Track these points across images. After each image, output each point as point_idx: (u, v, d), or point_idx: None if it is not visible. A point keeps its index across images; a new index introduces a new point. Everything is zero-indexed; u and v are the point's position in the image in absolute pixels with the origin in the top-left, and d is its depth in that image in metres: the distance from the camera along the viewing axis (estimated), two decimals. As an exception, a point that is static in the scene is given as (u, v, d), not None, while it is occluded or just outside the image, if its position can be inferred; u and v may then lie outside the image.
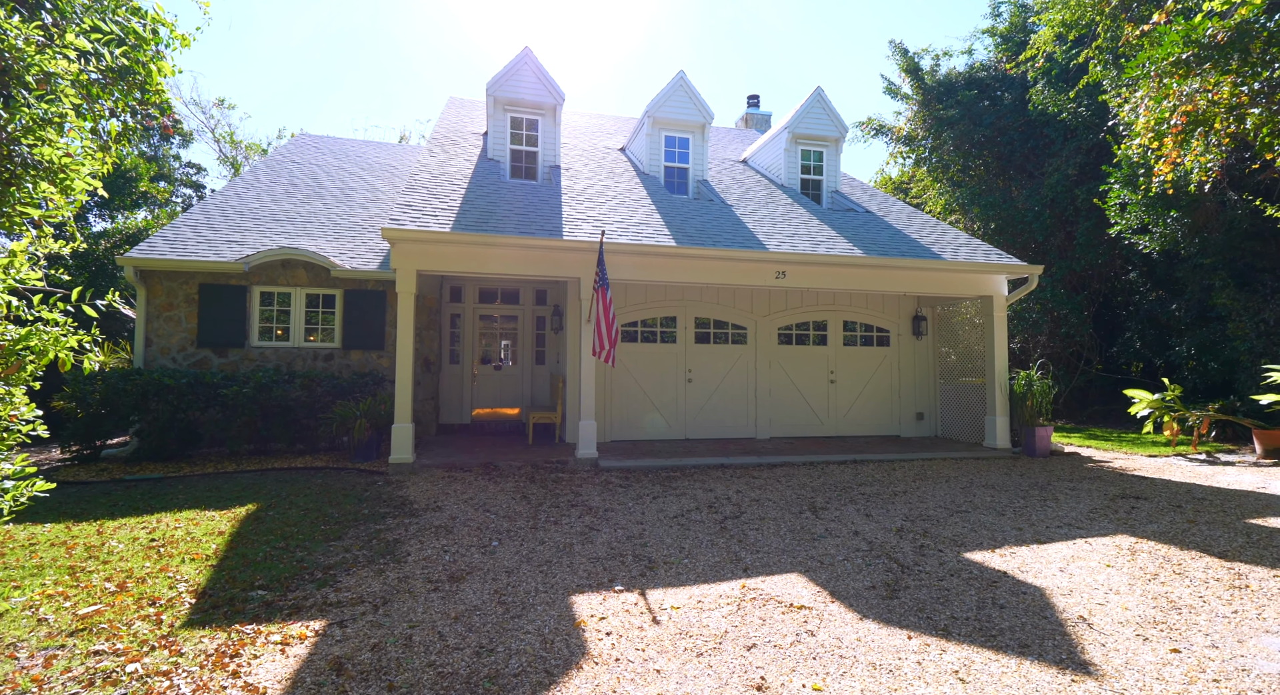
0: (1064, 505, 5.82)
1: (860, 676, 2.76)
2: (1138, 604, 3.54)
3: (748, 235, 8.48)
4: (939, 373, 10.44)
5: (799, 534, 4.88)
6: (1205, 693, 2.60)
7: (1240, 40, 5.73)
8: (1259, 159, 6.73)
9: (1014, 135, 14.37)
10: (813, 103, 10.99)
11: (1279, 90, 5.90)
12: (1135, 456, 8.67)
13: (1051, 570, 4.10)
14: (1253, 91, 5.97)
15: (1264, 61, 5.89)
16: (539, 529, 4.93)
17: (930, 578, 3.95)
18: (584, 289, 7.54)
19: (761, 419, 9.69)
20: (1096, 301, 13.94)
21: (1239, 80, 5.96)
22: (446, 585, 3.76)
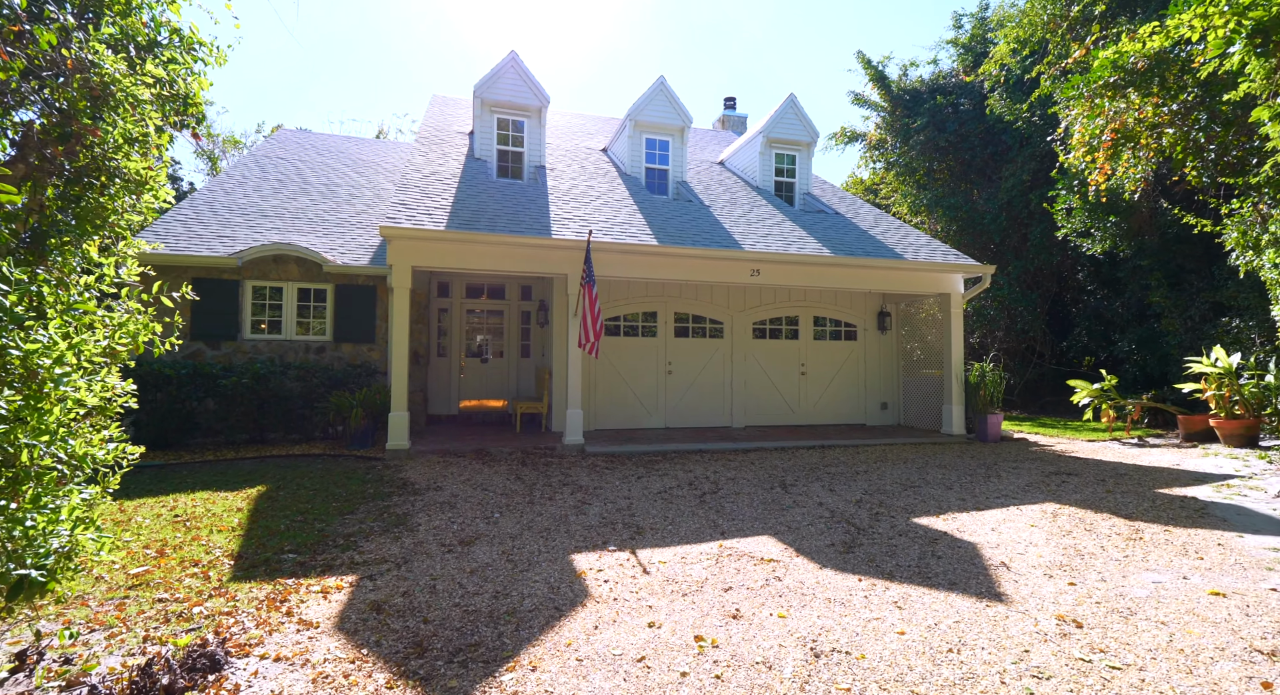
0: (1005, 481, 6.57)
1: (817, 608, 3.36)
2: (1050, 553, 4.23)
3: (724, 235, 9.08)
4: (902, 365, 11.23)
5: (770, 505, 5.49)
6: (1085, 608, 3.28)
7: (1158, 68, 6.53)
8: (1178, 172, 7.58)
9: (975, 141, 15.30)
10: (786, 109, 11.65)
11: (1192, 111, 6.73)
12: (1076, 441, 9.56)
13: (984, 530, 4.79)
14: (1171, 112, 6.80)
15: (1178, 87, 6.69)
16: (535, 504, 5.44)
17: (882, 537, 4.60)
18: (571, 285, 8.04)
19: (737, 408, 10.33)
20: (1049, 299, 14.96)
21: (1160, 102, 6.77)
22: (458, 548, 4.26)
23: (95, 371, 2.33)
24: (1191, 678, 2.58)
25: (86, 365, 2.22)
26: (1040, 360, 14.91)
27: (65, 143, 2.64)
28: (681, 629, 3.09)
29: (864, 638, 2.99)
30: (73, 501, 2.08)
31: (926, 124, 15.49)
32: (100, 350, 2.46)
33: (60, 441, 1.90)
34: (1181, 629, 3.04)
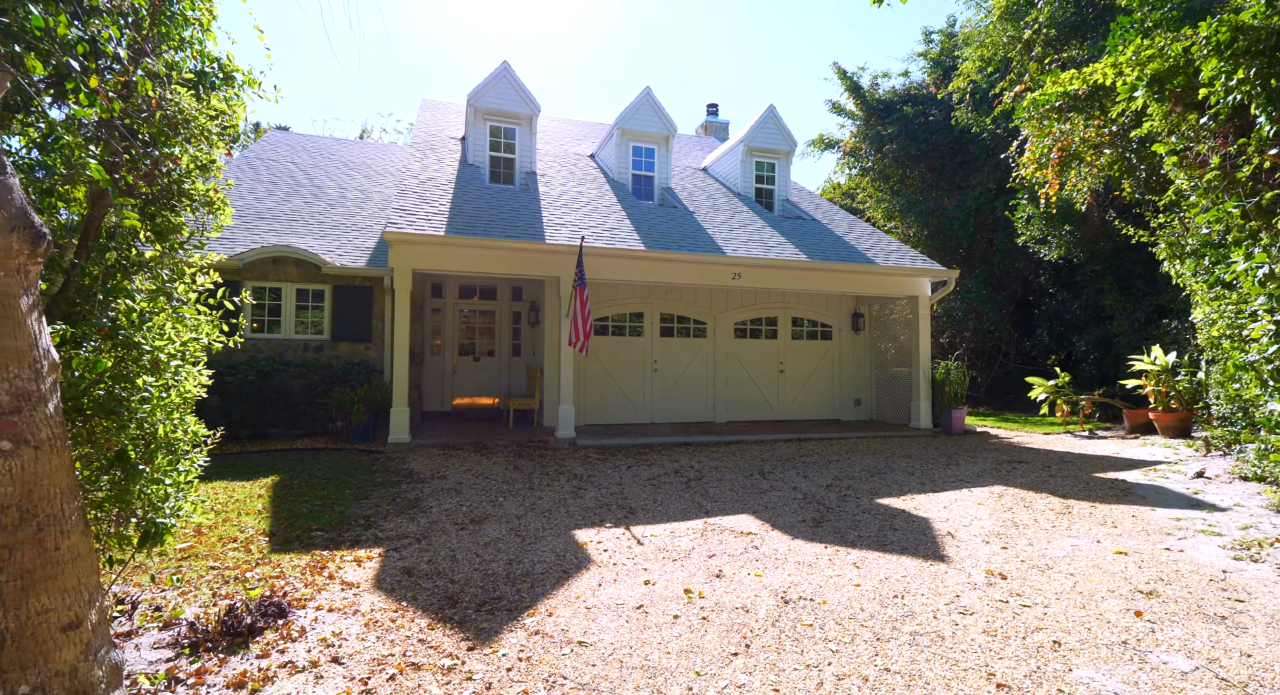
0: (962, 468, 7.26)
1: (788, 568, 3.95)
2: (990, 525, 4.89)
3: (708, 240, 9.67)
4: (874, 363, 11.95)
5: (749, 489, 6.09)
6: (1011, 565, 3.92)
7: (1096, 94, 7.28)
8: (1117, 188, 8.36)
9: (944, 150, 16.14)
10: (766, 119, 12.29)
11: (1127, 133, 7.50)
12: (1032, 434, 10.35)
13: (938, 508, 5.43)
14: (1110, 134, 7.56)
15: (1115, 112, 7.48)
16: (535, 490, 5.96)
17: (847, 515, 5.22)
18: (563, 287, 8.55)
19: (719, 404, 10.93)
20: (1014, 301, 15.87)
21: (1100, 125, 7.53)
22: (470, 526, 4.77)
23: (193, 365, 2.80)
24: (1084, 612, 3.22)
25: (190, 360, 2.70)
26: (1005, 359, 15.81)
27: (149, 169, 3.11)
28: (673, 585, 3.65)
29: (826, 589, 3.58)
30: (180, 471, 2.56)
31: (898, 133, 16.29)
32: (201, 347, 2.95)
33: (180, 420, 2.35)
34: (1085, 578, 3.69)
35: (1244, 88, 3.60)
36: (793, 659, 2.76)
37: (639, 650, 2.84)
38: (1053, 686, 2.52)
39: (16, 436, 1.90)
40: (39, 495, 1.95)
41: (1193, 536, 4.48)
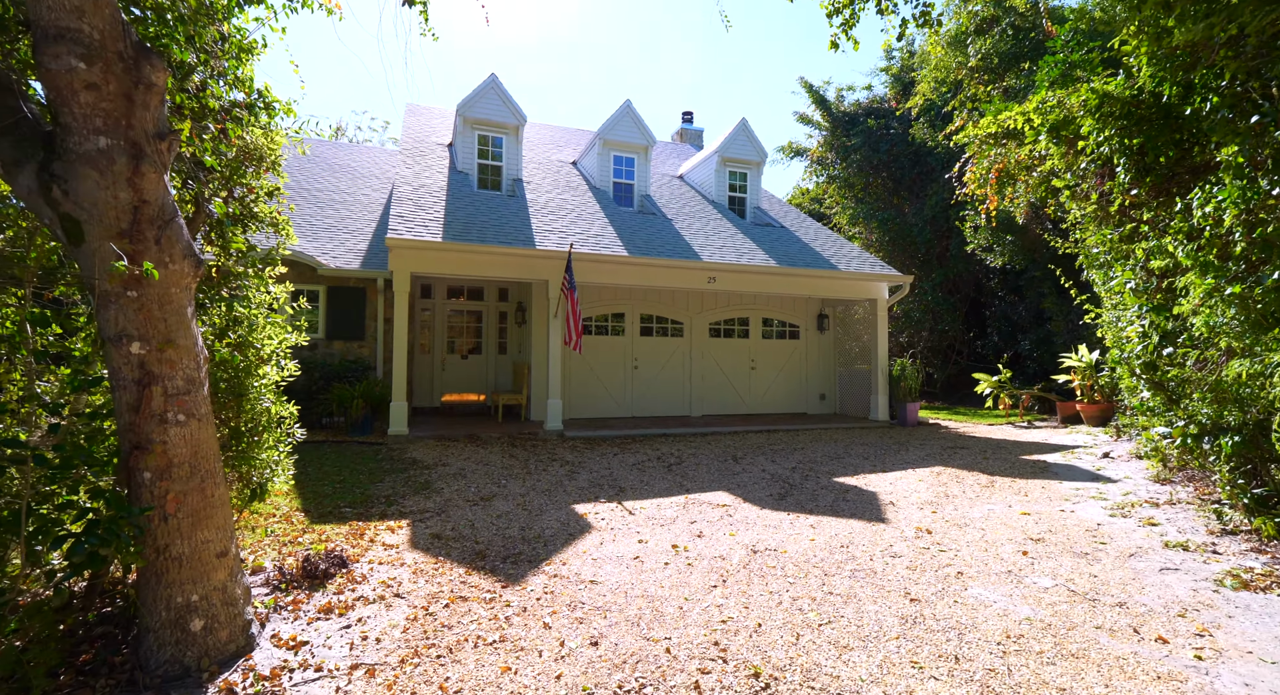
0: (910, 453, 8.24)
1: (757, 529, 4.78)
2: (926, 496, 5.82)
3: (685, 246, 10.50)
4: (838, 361, 12.98)
5: (723, 472, 6.93)
6: (936, 524, 4.84)
7: (1012, 134, 8.33)
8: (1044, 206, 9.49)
9: (904, 162, 17.33)
10: (738, 132, 13.19)
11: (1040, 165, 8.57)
12: (978, 425, 11.48)
13: (884, 484, 6.36)
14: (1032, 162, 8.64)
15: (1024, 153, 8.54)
16: (532, 474, 6.68)
17: (808, 490, 6.09)
18: (551, 289, 9.26)
19: (695, 399, 11.79)
20: (967, 303, 17.17)
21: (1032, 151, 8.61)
22: (481, 502, 5.47)
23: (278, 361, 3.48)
24: (985, 553, 4.14)
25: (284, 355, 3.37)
26: (959, 357, 17.11)
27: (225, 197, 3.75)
28: (662, 543, 4.44)
29: (787, 543, 4.42)
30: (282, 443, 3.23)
31: (862, 144, 17.43)
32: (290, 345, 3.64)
33: (279, 403, 3.00)
34: (991, 532, 4.62)
35: (1110, 143, 4.58)
36: (759, 588, 3.59)
37: (638, 585, 3.63)
38: (951, 599, 3.40)
39: (188, 411, 2.58)
40: (200, 455, 2.63)
41: (1085, 502, 5.49)
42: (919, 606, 3.31)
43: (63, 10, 2.24)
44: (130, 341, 2.44)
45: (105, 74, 2.33)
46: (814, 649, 2.85)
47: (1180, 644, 2.88)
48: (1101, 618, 3.16)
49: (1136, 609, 3.27)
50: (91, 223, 2.37)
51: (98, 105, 2.33)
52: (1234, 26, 3.36)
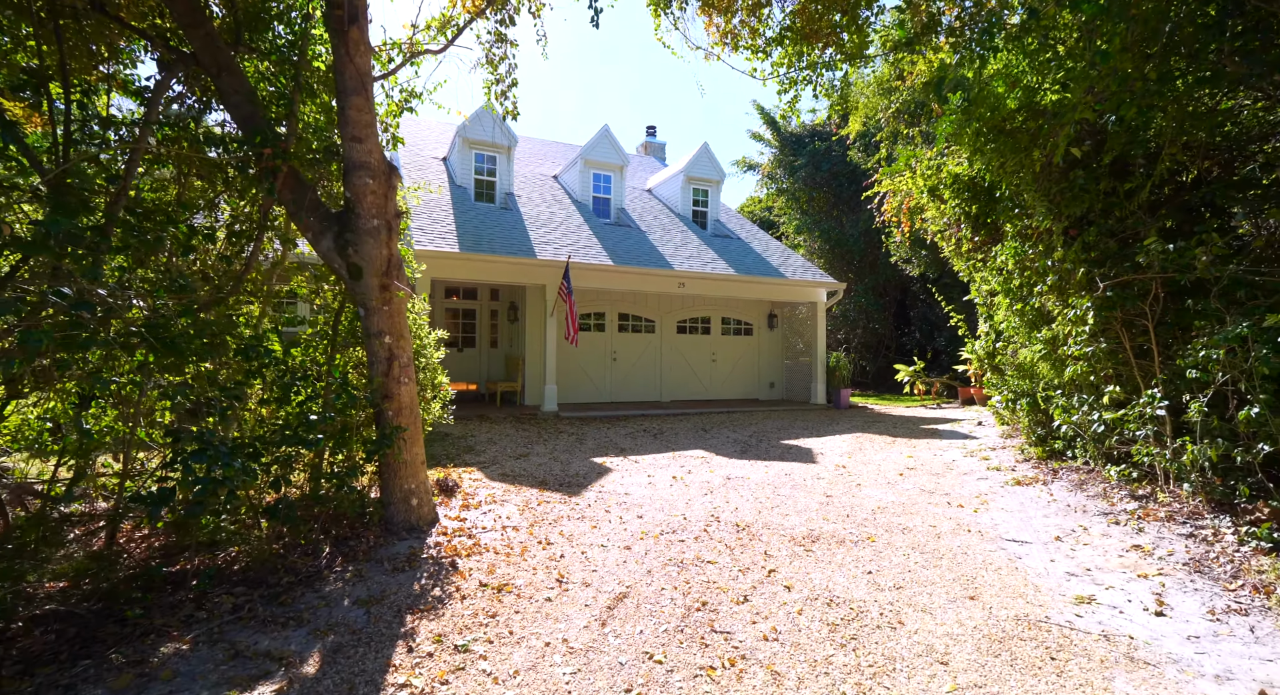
0: (839, 426, 10.65)
1: (728, 469, 6.93)
2: (846, 449, 8.15)
3: (658, 256, 12.58)
4: (785, 354, 15.41)
5: (697, 438, 9.07)
6: (849, 464, 7.15)
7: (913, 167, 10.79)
8: (946, 229, 12.12)
9: (843, 180, 20.02)
10: (701, 154, 15.38)
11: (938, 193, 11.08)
12: (897, 407, 14.14)
13: (817, 443, 8.67)
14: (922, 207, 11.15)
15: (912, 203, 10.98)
16: (547, 441, 8.62)
17: (762, 448, 8.31)
18: (549, 292, 11.15)
19: (664, 387, 13.92)
20: (894, 304, 20.06)
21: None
22: (520, 458, 7.39)
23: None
24: (878, 475, 6.44)
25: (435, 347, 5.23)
26: (887, 351, 19.99)
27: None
28: (664, 477, 6.52)
29: (749, 474, 6.60)
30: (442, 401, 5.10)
31: (807, 163, 20.01)
32: (437, 339, 5.49)
33: (442, 375, 4.84)
34: (884, 465, 6.96)
35: (960, 207, 6.99)
36: (734, 493, 5.73)
37: (656, 495, 5.70)
38: (850, 495, 5.64)
39: (409, 377, 4.46)
40: (412, 403, 4.52)
41: (951, 450, 7.96)
42: (831, 498, 5.54)
43: (362, 153, 4.09)
44: (384, 336, 4.31)
45: (377, 184, 4.19)
46: (769, 515, 5.01)
47: (970, 507, 5.21)
48: (933, 500, 5.47)
49: (955, 496, 5.60)
50: (367, 268, 4.22)
51: (373, 201, 4.19)
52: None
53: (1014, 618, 3.20)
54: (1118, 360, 5.06)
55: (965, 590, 3.55)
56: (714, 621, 3.18)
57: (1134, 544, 4.11)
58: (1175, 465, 4.48)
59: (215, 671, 2.62)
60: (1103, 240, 5.11)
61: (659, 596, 3.47)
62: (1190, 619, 3.14)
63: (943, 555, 4.11)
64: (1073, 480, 5.68)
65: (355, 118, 4.10)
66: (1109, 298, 4.82)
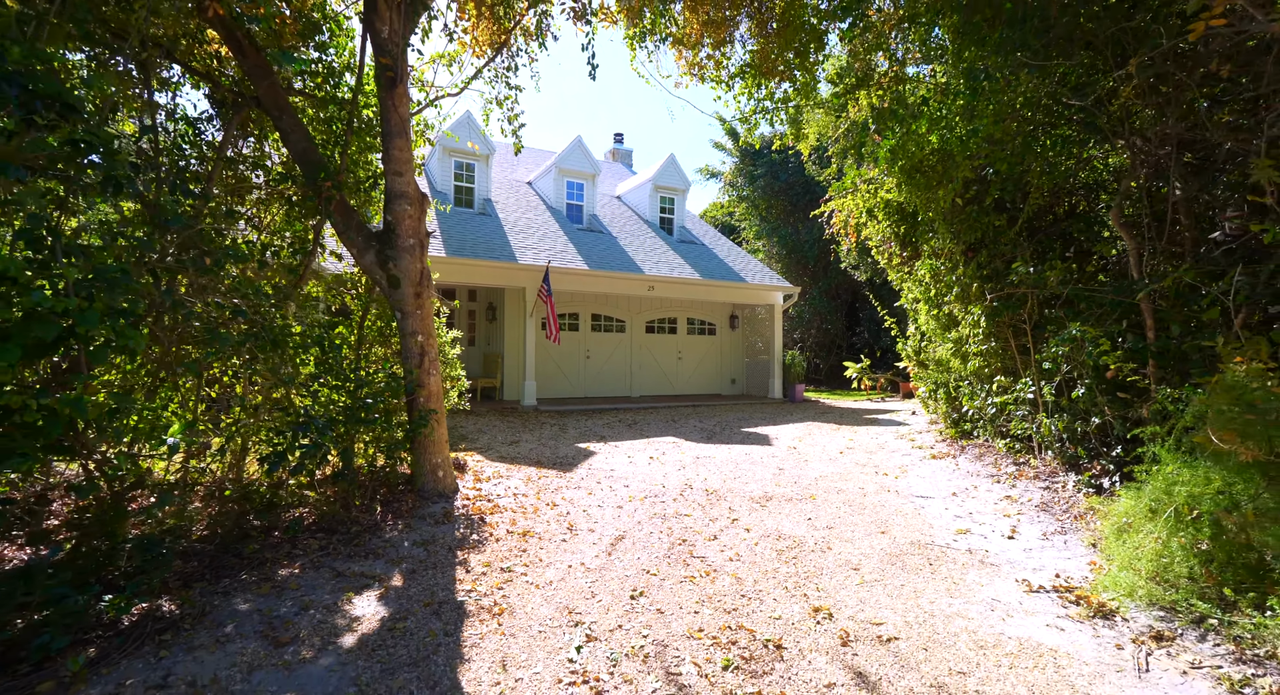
0: (793, 416, 11.94)
1: (697, 450, 8.05)
2: (797, 434, 9.40)
3: (629, 261, 13.62)
4: (745, 353, 16.69)
5: (668, 427, 10.18)
6: (799, 444, 8.38)
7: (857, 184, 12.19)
8: (888, 240, 13.59)
9: (799, 189, 21.51)
10: (668, 164, 16.50)
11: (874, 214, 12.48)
12: (845, 400, 15.61)
13: (773, 430, 9.89)
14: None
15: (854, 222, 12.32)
16: (533, 431, 9.56)
17: (725, 435, 9.47)
18: (529, 294, 12.05)
19: (635, 383, 14.98)
20: (846, 306, 21.68)
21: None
22: (512, 444, 8.33)
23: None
24: (822, 452, 7.68)
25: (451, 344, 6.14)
26: (839, 350, 21.60)
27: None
28: (642, 457, 7.59)
29: (715, 454, 7.73)
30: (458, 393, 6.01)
31: (765, 173, 21.40)
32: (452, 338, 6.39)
33: (459, 369, 5.71)
34: (827, 445, 8.21)
35: (891, 227, 8.31)
36: (703, 469, 6.84)
37: (636, 471, 6.76)
38: (799, 468, 6.84)
39: (435, 369, 5.39)
40: (438, 391, 5.44)
41: (886, 434, 9.30)
42: (782, 471, 6.72)
43: (402, 184, 5.00)
44: (417, 335, 5.22)
45: (414, 210, 5.10)
46: (732, 483, 6.14)
47: (893, 475, 6.47)
48: (864, 471, 6.71)
49: (882, 468, 6.86)
50: (403, 279, 5.13)
51: (410, 224, 5.10)
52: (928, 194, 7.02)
53: (910, 543, 4.40)
54: (1005, 356, 6.40)
55: (878, 528, 4.75)
56: (692, 550, 4.26)
57: (1005, 495, 5.42)
58: (1039, 436, 5.82)
59: (328, 584, 3.54)
60: (991, 261, 6.45)
61: (649, 537, 4.54)
62: (1029, 539, 4.40)
63: (866, 507, 5.31)
64: (975, 453, 7.02)
65: (397, 155, 5.01)
66: (995, 307, 6.14)
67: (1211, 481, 3.00)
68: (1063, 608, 3.34)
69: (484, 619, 3.25)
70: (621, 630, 3.15)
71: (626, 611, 3.35)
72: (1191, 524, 3.05)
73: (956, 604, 3.44)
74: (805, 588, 3.67)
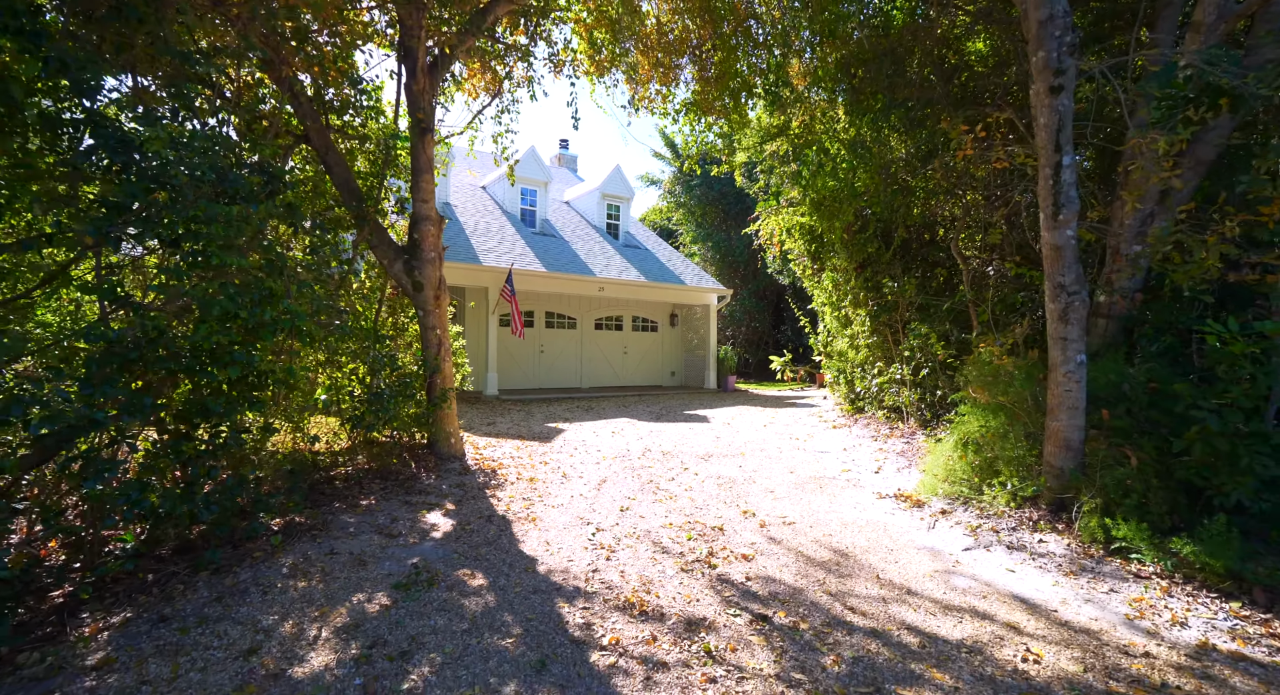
0: (726, 402, 13.91)
1: (649, 427, 9.77)
2: (730, 415, 11.32)
3: (582, 264, 15.15)
4: (684, 348, 18.60)
5: (621, 411, 11.85)
6: (731, 422, 10.28)
7: (778, 203, 14.33)
8: (806, 250, 15.84)
9: (732, 199, 23.69)
10: (614, 174, 18.12)
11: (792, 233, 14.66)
12: (771, 390, 17.83)
13: (711, 412, 11.77)
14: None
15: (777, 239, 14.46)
16: (503, 415, 10.96)
17: (670, 416, 11.25)
18: (491, 293, 13.35)
19: (584, 375, 16.53)
20: (773, 306, 24.09)
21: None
22: (489, 425, 9.72)
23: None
24: (749, 427, 9.59)
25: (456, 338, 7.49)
26: (767, 346, 23.99)
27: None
28: (605, 432, 9.21)
29: (665, 430, 9.48)
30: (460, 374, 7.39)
31: (701, 182, 23.44)
32: (455, 333, 7.76)
33: (464, 356, 7.01)
34: (752, 423, 10.16)
35: (803, 245, 10.38)
36: (658, 439, 8.55)
37: (603, 442, 8.38)
38: (732, 437, 8.68)
39: (449, 357, 6.79)
40: (449, 372, 6.85)
41: (801, 413, 11.39)
42: (719, 438, 8.55)
43: (426, 210, 6.39)
44: (435, 329, 6.61)
45: (435, 229, 6.50)
46: (681, 447, 7.88)
47: (802, 439, 8.43)
48: (781, 437, 8.65)
49: (795, 434, 8.83)
50: (426, 285, 6.50)
51: (431, 241, 6.49)
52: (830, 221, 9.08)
53: (809, 477, 6.29)
54: (884, 348, 8.50)
55: (788, 470, 6.62)
56: (658, 486, 5.96)
57: (879, 449, 7.47)
58: (905, 406, 7.93)
59: (401, 508, 4.97)
60: (874, 276, 8.53)
61: (625, 480, 6.19)
62: (888, 473, 6.41)
63: (780, 458, 7.20)
64: (864, 423, 9.13)
65: (424, 187, 6.38)
66: (876, 311, 8.22)
67: (976, 422, 5.00)
68: (896, 504, 5.29)
69: (523, 522, 4.80)
70: (618, 526, 4.79)
71: (619, 518, 5.00)
72: (965, 448, 5.04)
73: (834, 506, 5.32)
74: (738, 503, 5.45)
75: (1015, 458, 4.80)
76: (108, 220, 2.78)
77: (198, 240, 2.95)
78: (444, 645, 3.00)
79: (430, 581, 3.67)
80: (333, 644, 2.97)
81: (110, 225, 2.82)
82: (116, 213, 2.80)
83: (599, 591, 3.64)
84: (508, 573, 3.87)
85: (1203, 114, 3.94)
